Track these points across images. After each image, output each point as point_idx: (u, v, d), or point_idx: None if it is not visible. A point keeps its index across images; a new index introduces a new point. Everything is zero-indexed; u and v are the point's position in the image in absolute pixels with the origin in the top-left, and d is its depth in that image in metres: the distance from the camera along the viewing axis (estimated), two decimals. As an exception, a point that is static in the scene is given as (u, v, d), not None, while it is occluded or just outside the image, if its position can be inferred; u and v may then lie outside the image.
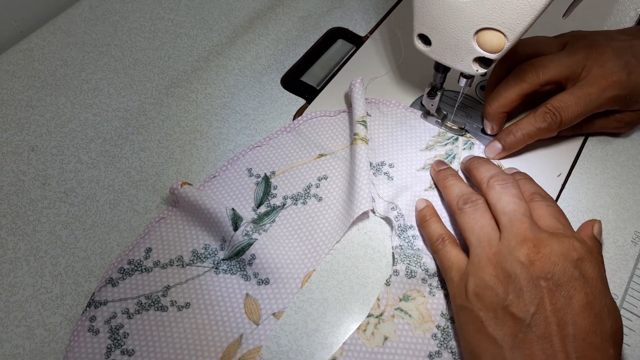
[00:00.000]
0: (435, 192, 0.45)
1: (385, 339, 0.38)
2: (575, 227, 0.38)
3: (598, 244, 0.37)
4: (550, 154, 0.47)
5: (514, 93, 0.44)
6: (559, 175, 0.46)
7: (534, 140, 0.45)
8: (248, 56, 0.55)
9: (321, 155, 0.47)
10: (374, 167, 0.46)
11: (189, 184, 0.43)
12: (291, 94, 0.52)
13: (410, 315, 0.39)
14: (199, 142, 0.49)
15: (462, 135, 0.48)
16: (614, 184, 0.46)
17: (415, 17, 0.39)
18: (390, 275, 0.40)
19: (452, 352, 0.37)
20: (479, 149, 0.47)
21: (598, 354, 0.31)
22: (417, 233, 0.42)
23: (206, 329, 0.39)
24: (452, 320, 0.39)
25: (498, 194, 0.37)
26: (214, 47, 0.56)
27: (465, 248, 0.38)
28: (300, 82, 0.53)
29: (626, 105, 0.44)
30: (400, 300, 0.39)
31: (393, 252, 0.41)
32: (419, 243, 0.42)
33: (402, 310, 0.39)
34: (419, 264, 0.40)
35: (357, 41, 0.57)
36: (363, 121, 0.46)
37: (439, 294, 0.40)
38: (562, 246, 0.34)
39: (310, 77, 0.54)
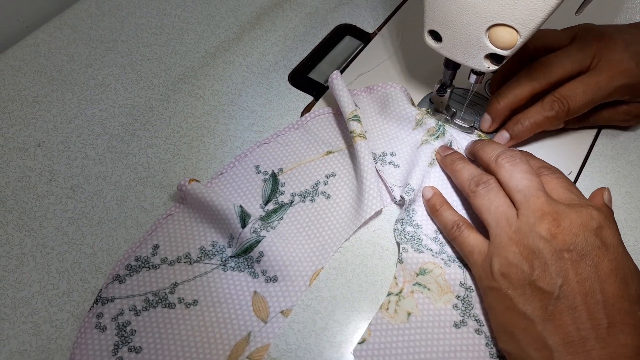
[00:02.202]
0: (433, 169, 0.44)
1: (409, 314, 0.38)
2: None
3: (610, 210, 0.37)
4: (560, 152, 0.47)
5: (524, 92, 0.44)
6: (569, 174, 0.45)
7: (542, 129, 0.45)
8: (255, 52, 0.55)
9: (329, 152, 0.47)
10: (378, 158, 0.46)
11: (197, 180, 0.43)
12: (299, 91, 0.52)
13: (429, 289, 0.39)
14: (206, 138, 0.48)
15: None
16: (624, 182, 0.45)
17: (426, 13, 0.39)
18: (400, 253, 0.40)
19: (476, 319, 0.38)
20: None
21: (628, 318, 0.32)
22: (416, 208, 0.42)
23: (214, 327, 0.38)
24: (470, 289, 0.39)
25: (508, 171, 0.37)
26: (221, 44, 0.55)
27: (480, 230, 0.39)
28: (307, 79, 0.53)
29: (635, 95, 0.44)
30: (418, 274, 0.40)
31: (394, 230, 0.42)
32: (417, 218, 0.42)
33: (420, 284, 0.39)
34: (421, 245, 0.41)
35: (365, 38, 0.56)
36: (355, 116, 0.46)
37: (454, 264, 0.40)
38: (580, 217, 0.34)
39: (317, 74, 0.53)
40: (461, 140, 0.47)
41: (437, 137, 0.46)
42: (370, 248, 0.42)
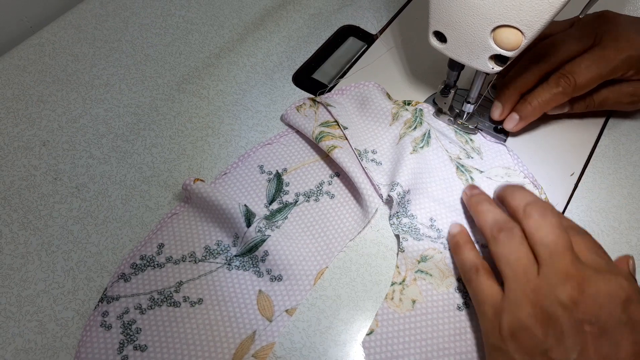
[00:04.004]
0: (417, 157, 0.45)
1: (414, 302, 0.39)
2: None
3: (635, 281, 0.34)
4: (563, 153, 0.47)
5: (533, 75, 0.44)
6: (572, 175, 0.46)
7: (550, 107, 0.44)
8: (259, 53, 0.55)
9: (334, 147, 0.46)
10: (362, 154, 0.46)
11: (202, 180, 0.43)
12: (303, 91, 0.52)
13: (430, 275, 0.40)
14: (211, 138, 0.49)
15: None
16: (626, 183, 0.46)
17: (431, 14, 0.39)
18: (401, 242, 0.40)
19: None
20: (427, 112, 0.49)
21: None
22: (411, 198, 0.43)
23: (219, 325, 0.38)
24: None
25: (536, 222, 0.34)
26: (225, 44, 0.56)
27: (499, 276, 0.37)
28: (311, 80, 0.53)
29: None
30: (419, 262, 0.40)
31: (391, 225, 0.42)
32: (412, 208, 0.42)
33: (422, 271, 0.40)
34: (419, 234, 0.41)
35: (368, 39, 0.57)
36: (319, 134, 0.46)
37: None
38: (608, 285, 0.31)
39: (321, 75, 0.54)
40: (439, 128, 0.48)
41: (415, 127, 0.47)
42: (374, 248, 0.42)
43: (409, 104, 0.49)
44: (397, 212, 0.42)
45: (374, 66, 0.53)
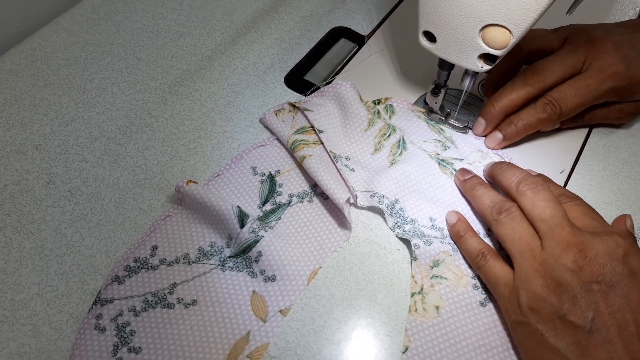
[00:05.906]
0: (398, 167, 0.45)
1: (437, 308, 0.39)
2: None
3: (633, 237, 0.37)
4: (552, 150, 0.47)
5: (520, 97, 0.44)
6: (562, 172, 0.46)
7: (534, 130, 0.45)
8: (251, 55, 0.55)
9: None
10: (337, 157, 0.46)
11: (195, 182, 0.43)
12: (295, 93, 0.52)
13: (445, 278, 0.40)
14: (204, 140, 0.49)
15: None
16: (616, 180, 0.46)
17: (421, 14, 0.39)
18: (413, 251, 0.40)
19: None
20: (398, 106, 0.50)
21: None
22: (404, 205, 0.43)
23: (213, 326, 0.38)
24: None
25: (531, 199, 0.37)
26: (217, 47, 0.56)
27: (503, 256, 0.38)
28: (303, 81, 0.53)
29: (625, 96, 0.45)
30: (432, 267, 0.40)
31: (396, 235, 0.42)
32: (410, 213, 0.43)
33: (436, 276, 0.40)
34: (425, 237, 0.41)
35: (359, 40, 0.57)
36: (293, 143, 0.46)
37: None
38: (606, 245, 0.33)
39: (313, 76, 0.54)
40: (411, 125, 0.48)
41: (389, 135, 0.47)
42: (367, 247, 0.42)
43: (378, 103, 0.50)
44: (396, 223, 0.42)
45: (365, 67, 0.54)
